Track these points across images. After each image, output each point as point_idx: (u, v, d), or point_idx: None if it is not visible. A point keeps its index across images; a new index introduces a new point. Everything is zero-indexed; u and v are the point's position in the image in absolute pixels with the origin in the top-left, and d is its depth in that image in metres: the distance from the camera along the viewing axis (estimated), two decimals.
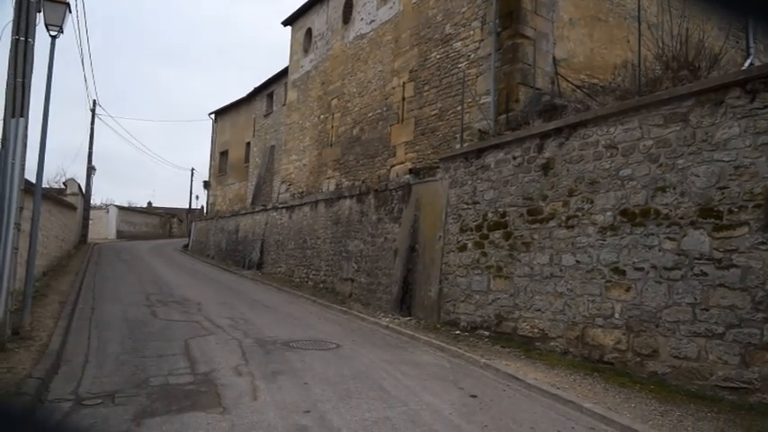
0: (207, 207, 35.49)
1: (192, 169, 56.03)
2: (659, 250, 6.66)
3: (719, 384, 5.82)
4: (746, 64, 13.77)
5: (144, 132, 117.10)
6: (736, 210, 5.92)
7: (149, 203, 57.95)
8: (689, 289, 6.25)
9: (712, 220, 6.12)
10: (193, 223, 35.06)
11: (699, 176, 6.33)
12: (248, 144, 29.53)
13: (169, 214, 55.08)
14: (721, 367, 5.83)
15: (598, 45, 12.20)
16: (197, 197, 48.43)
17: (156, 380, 6.01)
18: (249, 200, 27.28)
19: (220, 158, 33.45)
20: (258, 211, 22.54)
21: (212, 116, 34.32)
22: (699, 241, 6.22)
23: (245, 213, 24.26)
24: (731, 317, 5.80)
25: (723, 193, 6.06)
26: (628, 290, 6.99)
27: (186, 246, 33.86)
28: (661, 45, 9.36)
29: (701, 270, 6.15)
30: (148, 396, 5.41)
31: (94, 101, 31.69)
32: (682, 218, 6.45)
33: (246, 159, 29.64)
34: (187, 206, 47.45)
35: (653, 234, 6.76)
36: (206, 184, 35.68)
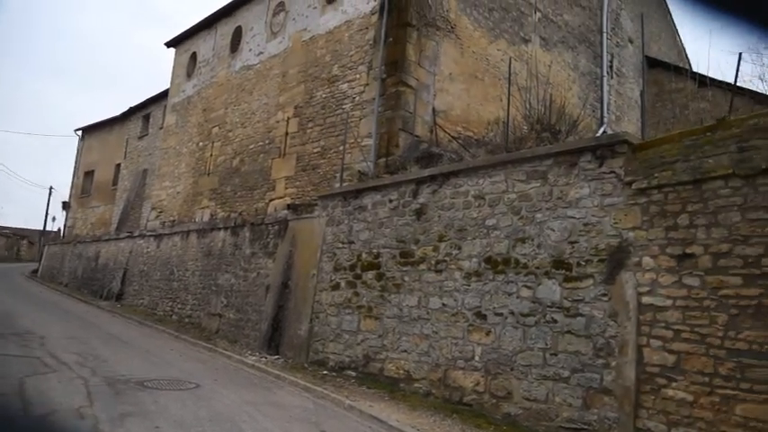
0: (65, 230, 32.35)
1: (51, 188, 51.05)
2: (517, 297, 7.07)
3: (563, 425, 6.19)
4: (600, 131, 15.44)
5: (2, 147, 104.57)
6: (583, 263, 6.47)
7: None
8: (541, 335, 6.67)
9: (563, 271, 6.64)
10: (46, 247, 31.71)
11: (554, 230, 6.87)
12: (118, 166, 27.56)
13: (18, 236, 49.41)
14: (566, 409, 6.23)
15: (474, 101, 13.03)
16: (53, 219, 44.05)
17: None
18: (114, 225, 25.30)
19: (84, 179, 30.82)
20: (123, 238, 20.94)
21: (79, 133, 31.74)
22: (551, 290, 6.71)
23: (108, 239, 22.43)
24: (575, 362, 6.26)
25: (573, 247, 6.62)
26: (488, 334, 7.31)
27: (36, 271, 30.48)
28: (528, 107, 10.25)
29: (552, 317, 6.61)
30: None
31: None
32: (538, 268, 6.93)
33: (115, 182, 27.59)
34: (41, 228, 42.99)
35: (512, 282, 7.18)
36: (65, 205, 32.60)
